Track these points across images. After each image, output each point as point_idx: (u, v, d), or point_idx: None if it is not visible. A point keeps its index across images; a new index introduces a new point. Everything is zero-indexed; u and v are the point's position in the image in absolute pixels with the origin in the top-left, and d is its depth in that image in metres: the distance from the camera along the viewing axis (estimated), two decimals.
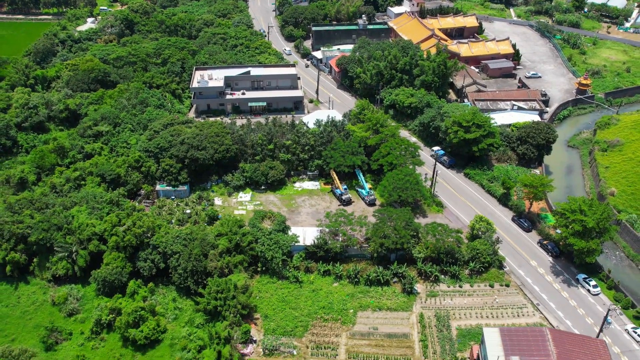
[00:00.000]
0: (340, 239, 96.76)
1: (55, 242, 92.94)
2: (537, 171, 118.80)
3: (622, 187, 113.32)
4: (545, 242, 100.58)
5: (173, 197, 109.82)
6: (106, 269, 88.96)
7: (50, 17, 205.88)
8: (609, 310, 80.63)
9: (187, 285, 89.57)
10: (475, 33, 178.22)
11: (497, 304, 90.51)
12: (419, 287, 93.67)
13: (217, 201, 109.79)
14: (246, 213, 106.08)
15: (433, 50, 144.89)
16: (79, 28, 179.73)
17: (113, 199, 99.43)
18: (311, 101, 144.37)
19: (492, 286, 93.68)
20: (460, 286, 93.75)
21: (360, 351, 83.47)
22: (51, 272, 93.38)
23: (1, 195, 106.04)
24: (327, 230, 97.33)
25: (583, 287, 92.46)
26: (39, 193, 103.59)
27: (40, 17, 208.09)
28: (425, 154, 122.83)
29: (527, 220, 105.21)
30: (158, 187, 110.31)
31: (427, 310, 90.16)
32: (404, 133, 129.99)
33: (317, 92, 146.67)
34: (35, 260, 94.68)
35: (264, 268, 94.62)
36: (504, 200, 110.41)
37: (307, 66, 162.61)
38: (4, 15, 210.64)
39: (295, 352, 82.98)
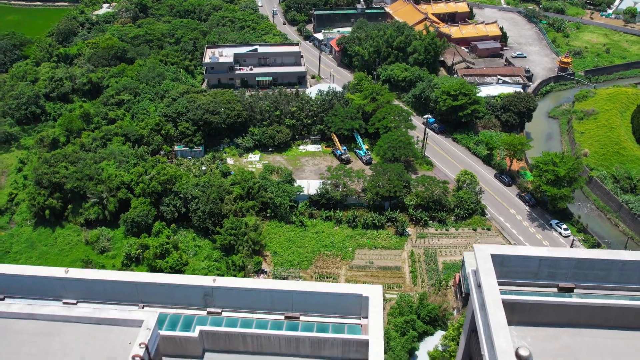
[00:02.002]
0: (341, 189, 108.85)
1: (88, 190, 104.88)
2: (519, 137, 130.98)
3: (594, 149, 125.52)
4: (523, 194, 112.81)
5: (189, 157, 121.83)
6: (134, 212, 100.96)
7: (67, 3, 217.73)
8: (572, 240, 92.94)
9: (205, 226, 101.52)
10: (466, 18, 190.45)
11: (479, 243, 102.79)
12: (410, 230, 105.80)
13: (229, 161, 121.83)
14: (256, 170, 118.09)
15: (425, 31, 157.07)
16: (96, 12, 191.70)
17: (139, 154, 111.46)
18: (313, 77, 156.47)
19: (475, 230, 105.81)
20: (447, 229, 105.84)
21: (358, 280, 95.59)
22: (84, 217, 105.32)
23: (36, 153, 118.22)
24: (328, 181, 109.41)
25: (555, 230, 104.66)
26: (70, 150, 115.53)
27: (57, 3, 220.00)
28: (417, 122, 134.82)
29: (507, 177, 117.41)
30: (176, 148, 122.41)
31: (417, 248, 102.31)
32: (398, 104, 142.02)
33: (318, 69, 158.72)
34: (69, 206, 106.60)
35: (272, 214, 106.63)
36: (487, 160, 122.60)
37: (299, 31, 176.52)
38: (23, 2, 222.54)
39: (301, 281, 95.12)
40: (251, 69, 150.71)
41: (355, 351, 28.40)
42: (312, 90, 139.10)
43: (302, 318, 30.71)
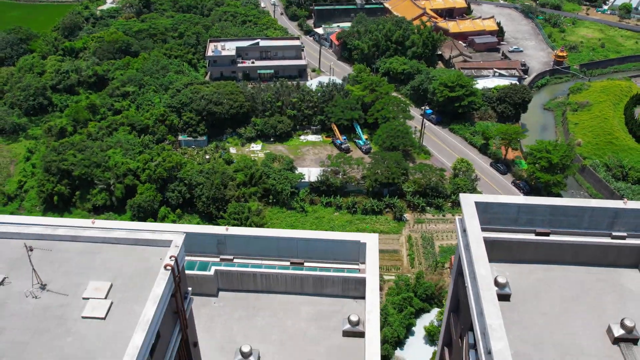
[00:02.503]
0: (341, 176, 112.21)
1: (95, 177, 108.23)
2: None
3: (587, 139, 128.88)
4: (518, 181, 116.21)
5: (193, 146, 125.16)
6: (140, 197, 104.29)
7: None
8: None
9: (209, 211, 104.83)
10: (463, 14, 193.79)
11: None
12: (408, 215, 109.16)
13: (232, 150, 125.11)
14: (257, 159, 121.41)
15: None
16: (100, 8, 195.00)
17: (144, 142, 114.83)
18: (314, 70, 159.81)
19: None
20: (443, 215, 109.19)
21: None
22: (91, 203, 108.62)
23: (44, 142, 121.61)
24: (329, 169, 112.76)
25: None
26: (77, 139, 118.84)
27: None
28: (415, 113, 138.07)
29: (503, 165, 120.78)
30: (180, 137, 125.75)
31: (414, 233, 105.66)
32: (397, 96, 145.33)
33: (319, 63, 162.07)
34: (77, 193, 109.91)
35: (274, 200, 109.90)
36: (483, 149, 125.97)
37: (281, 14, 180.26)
38: None
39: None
40: (253, 62, 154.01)
41: (354, 289, 31.70)
42: (312, 83, 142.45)
43: (306, 264, 34.05)
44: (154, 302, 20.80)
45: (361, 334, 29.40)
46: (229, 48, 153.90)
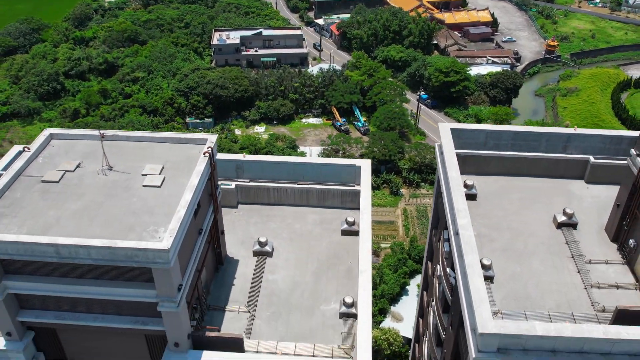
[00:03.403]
0: (340, 154, 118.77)
1: None
2: None
3: (575, 122, 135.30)
4: None
5: (200, 128, 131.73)
6: None
7: None
8: None
9: None
10: (459, 5, 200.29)
11: None
12: (404, 190, 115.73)
13: (237, 132, 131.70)
14: (261, 140, 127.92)
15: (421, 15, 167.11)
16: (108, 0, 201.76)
17: (154, 123, 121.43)
18: (314, 59, 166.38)
19: None
20: None
21: None
22: None
23: (59, 124, 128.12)
24: (329, 147, 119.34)
25: None
26: (91, 120, 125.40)
27: None
28: (411, 98, 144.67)
29: None
30: (188, 120, 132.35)
31: (409, 206, 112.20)
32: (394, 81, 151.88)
33: (319, 52, 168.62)
34: None
35: None
36: None
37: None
38: None
39: None
40: (256, 51, 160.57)
41: (350, 201, 38.21)
42: (313, 69, 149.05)
43: (310, 186, 40.53)
44: (198, 175, 27.32)
45: (356, 233, 35.87)
46: (233, 37, 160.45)
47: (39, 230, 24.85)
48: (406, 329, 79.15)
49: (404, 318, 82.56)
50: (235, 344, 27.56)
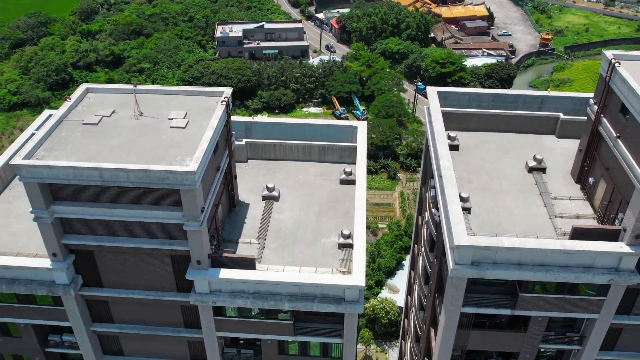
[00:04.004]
0: None
1: None
2: None
3: None
4: None
5: None
6: None
7: None
8: None
9: None
10: (456, 0, 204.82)
11: None
12: (401, 175, 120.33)
13: None
14: None
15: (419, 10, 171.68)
16: None
17: None
18: (315, 51, 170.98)
19: None
20: None
21: None
22: None
23: None
24: None
25: None
26: None
27: None
28: (408, 88, 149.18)
29: None
30: None
31: (406, 189, 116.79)
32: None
33: (319, 44, 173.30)
34: None
35: None
36: None
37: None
38: None
39: None
40: (258, 43, 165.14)
41: (348, 156, 42.72)
42: (314, 61, 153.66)
43: (312, 143, 45.10)
44: (217, 118, 31.90)
45: (352, 182, 40.41)
46: (236, 30, 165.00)
47: (84, 160, 29.42)
48: (401, 300, 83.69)
49: (400, 290, 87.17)
50: (248, 263, 32.18)
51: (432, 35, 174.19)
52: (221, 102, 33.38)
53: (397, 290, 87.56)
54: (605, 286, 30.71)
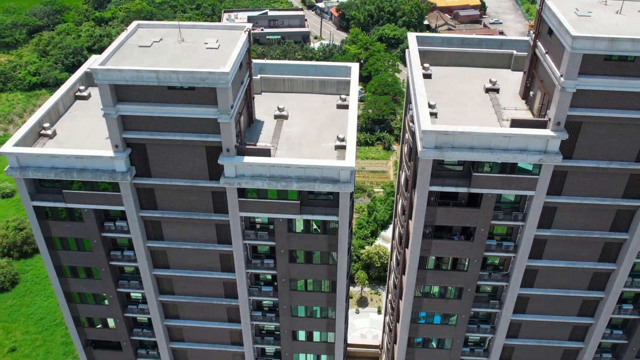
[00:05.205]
0: None
1: None
2: None
3: None
4: None
5: None
6: None
7: None
8: None
9: None
10: None
11: None
12: (395, 147, 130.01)
13: None
14: None
15: None
16: None
17: None
18: (316, 37, 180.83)
19: None
20: None
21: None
22: None
23: None
24: None
25: None
26: None
27: None
28: (403, 69, 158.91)
29: None
30: None
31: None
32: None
33: (320, 31, 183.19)
34: None
35: None
36: None
37: None
38: None
39: None
40: (262, 30, 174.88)
41: (344, 88, 52.44)
42: (315, 45, 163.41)
43: (315, 78, 54.79)
44: (242, 42, 41.57)
45: (347, 107, 50.13)
46: (241, 17, 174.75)
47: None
48: None
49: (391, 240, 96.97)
50: (265, 152, 41.96)
51: (426, 22, 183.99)
52: (244, 31, 43.13)
53: (389, 240, 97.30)
54: (537, 166, 40.40)
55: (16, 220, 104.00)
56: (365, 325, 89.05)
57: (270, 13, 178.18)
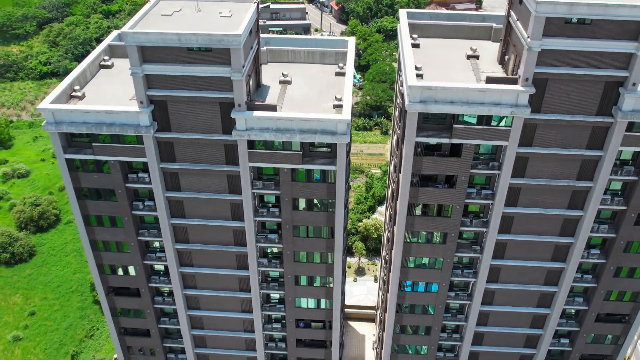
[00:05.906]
0: None
1: None
2: None
3: None
4: None
5: None
6: None
7: None
8: None
9: None
10: None
11: None
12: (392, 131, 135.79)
13: None
14: None
15: None
16: None
17: None
18: (316, 30, 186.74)
19: None
20: None
21: (353, 162, 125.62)
22: None
23: None
24: None
25: None
26: None
27: None
28: None
29: None
30: None
31: None
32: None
33: (320, 24, 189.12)
34: None
35: None
36: None
37: None
38: None
39: None
40: (264, 22, 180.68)
41: (341, 59, 58.31)
42: (315, 36, 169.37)
43: (315, 49, 60.64)
44: (252, 11, 47.50)
45: (343, 74, 55.99)
46: None
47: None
48: None
49: None
50: (272, 108, 47.87)
51: None
52: (254, 2, 49.03)
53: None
54: (509, 118, 46.26)
55: (32, 197, 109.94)
56: (362, 292, 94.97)
57: (272, 6, 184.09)
